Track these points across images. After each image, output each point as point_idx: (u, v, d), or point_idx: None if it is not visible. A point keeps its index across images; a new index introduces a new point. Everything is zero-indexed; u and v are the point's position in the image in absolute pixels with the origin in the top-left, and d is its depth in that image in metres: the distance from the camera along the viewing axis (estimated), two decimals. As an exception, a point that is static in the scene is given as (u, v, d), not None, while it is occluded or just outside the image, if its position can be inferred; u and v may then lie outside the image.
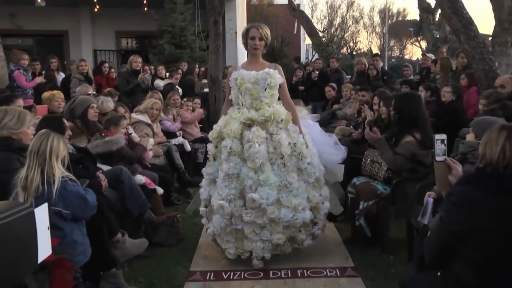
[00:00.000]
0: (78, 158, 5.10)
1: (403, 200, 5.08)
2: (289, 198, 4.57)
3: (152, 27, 15.61)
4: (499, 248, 2.80)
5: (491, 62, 7.98)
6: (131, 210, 5.25)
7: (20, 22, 16.86)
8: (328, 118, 9.75)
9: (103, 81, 10.71)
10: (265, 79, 4.68)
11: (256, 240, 4.60)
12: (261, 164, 4.54)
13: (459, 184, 2.95)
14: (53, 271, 2.78)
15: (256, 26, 4.81)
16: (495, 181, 2.78)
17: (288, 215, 4.52)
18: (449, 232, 2.88)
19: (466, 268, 2.83)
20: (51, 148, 3.75)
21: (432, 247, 3.01)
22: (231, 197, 4.55)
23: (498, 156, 2.76)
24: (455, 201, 2.87)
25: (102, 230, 4.38)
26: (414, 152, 5.15)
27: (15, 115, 4.40)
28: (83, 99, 6.26)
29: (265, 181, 4.48)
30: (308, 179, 4.76)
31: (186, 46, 14.93)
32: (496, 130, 2.82)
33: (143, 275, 4.74)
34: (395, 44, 44.44)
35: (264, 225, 4.57)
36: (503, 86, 6.54)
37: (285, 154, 4.63)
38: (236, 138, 4.62)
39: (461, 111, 7.40)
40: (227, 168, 4.58)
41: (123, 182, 5.27)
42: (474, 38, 8.00)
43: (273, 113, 4.64)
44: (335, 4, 42.45)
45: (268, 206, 4.46)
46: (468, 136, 4.25)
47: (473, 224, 2.79)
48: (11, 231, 1.04)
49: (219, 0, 11.19)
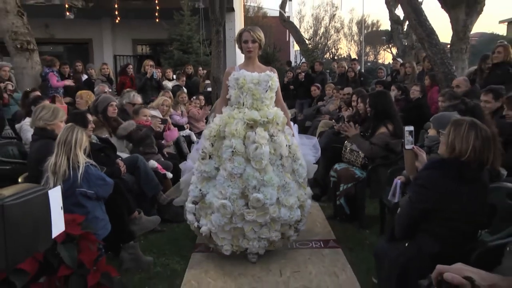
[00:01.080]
0: (101, 148, 5.12)
1: (377, 183, 5.12)
2: (287, 198, 4.20)
3: (163, 36, 15.57)
4: (458, 225, 2.86)
5: (450, 66, 8.09)
6: (146, 191, 5.31)
7: (53, 31, 16.88)
8: (314, 113, 9.80)
9: (127, 80, 10.78)
10: (266, 81, 4.27)
11: (253, 238, 4.19)
12: (265, 165, 4.12)
13: (425, 169, 2.99)
14: (80, 243, 2.78)
15: (248, 29, 4.35)
16: (455, 169, 2.82)
17: (286, 214, 4.17)
18: (416, 209, 2.93)
19: (428, 240, 2.89)
20: (76, 139, 3.83)
21: (402, 222, 3.05)
22: (234, 197, 4.07)
23: (469, 154, 2.79)
24: (421, 183, 2.92)
25: (122, 208, 4.39)
26: (387, 141, 5.20)
27: (50, 109, 4.49)
28: (104, 98, 6.23)
29: (269, 182, 4.07)
30: (299, 179, 4.41)
31: (192, 52, 14.91)
32: (465, 128, 2.82)
33: (156, 246, 4.74)
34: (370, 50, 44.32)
35: (264, 223, 4.17)
36: (459, 86, 6.63)
37: (284, 156, 4.25)
38: (240, 138, 4.12)
39: (426, 107, 7.50)
40: (231, 167, 4.06)
41: (139, 168, 5.31)
42: (435, 46, 8.08)
43: (275, 115, 4.24)
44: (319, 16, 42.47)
45: (270, 206, 4.07)
46: (430, 131, 4.26)
47: (436, 204, 2.85)
48: (27, 209, 1.05)
49: (220, 13, 11.20)
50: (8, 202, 0.97)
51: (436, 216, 2.87)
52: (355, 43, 44.07)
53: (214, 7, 11.10)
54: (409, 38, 20.15)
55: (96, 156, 4.97)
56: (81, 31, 17.22)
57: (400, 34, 21.72)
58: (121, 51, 18.03)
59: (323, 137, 6.96)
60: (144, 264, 4.28)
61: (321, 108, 9.75)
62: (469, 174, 2.84)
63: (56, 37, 17.23)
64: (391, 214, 4.48)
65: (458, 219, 2.85)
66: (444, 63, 8.01)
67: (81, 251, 2.74)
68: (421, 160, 3.21)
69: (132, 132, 5.94)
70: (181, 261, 4.42)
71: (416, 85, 8.07)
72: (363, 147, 5.29)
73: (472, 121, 2.89)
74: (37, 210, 1.13)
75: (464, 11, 13.11)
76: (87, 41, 18.14)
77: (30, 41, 9.59)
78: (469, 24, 13.16)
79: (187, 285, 3.89)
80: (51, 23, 16.50)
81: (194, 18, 14.99)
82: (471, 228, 2.96)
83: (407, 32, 20.86)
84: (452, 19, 13.25)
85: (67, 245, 2.66)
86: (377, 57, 43.69)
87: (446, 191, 2.82)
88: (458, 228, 2.87)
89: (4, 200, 0.98)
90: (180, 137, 7.67)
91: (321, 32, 42.16)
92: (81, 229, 2.94)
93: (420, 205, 2.90)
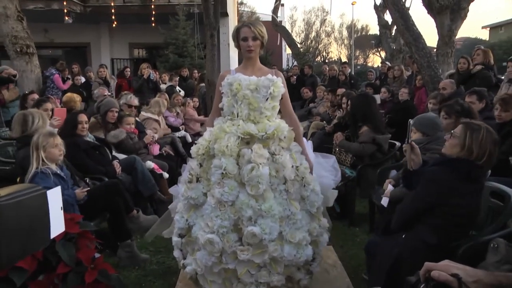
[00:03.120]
0: (96, 146, 5.15)
1: (366, 182, 5.13)
2: (292, 232, 3.15)
3: (159, 40, 15.60)
4: (457, 220, 2.94)
5: (436, 69, 8.22)
6: (142, 191, 5.32)
7: (52, 36, 16.88)
8: (306, 115, 9.84)
9: (124, 82, 10.85)
10: (267, 87, 3.27)
11: (250, 282, 3.19)
12: (264, 190, 3.12)
13: (435, 164, 3.08)
14: (78, 242, 2.77)
15: (248, 24, 3.37)
16: (467, 169, 2.90)
17: (292, 253, 3.12)
18: (422, 202, 3.00)
19: (429, 232, 2.94)
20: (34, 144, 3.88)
21: (405, 213, 3.10)
22: (223, 230, 3.08)
23: (486, 158, 2.88)
24: (430, 178, 2.98)
25: (120, 207, 4.38)
26: (373, 136, 5.27)
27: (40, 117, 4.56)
28: (108, 102, 6.23)
29: (268, 212, 3.07)
30: (310, 208, 3.28)
31: (187, 55, 14.94)
32: (483, 134, 2.90)
33: (152, 245, 4.72)
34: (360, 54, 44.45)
35: (263, 264, 3.17)
36: (445, 88, 6.74)
37: (289, 179, 3.20)
38: (232, 156, 3.16)
39: (413, 108, 7.74)
40: (220, 193, 3.09)
41: (136, 169, 5.38)
42: (422, 49, 8.18)
43: (276, 129, 3.21)
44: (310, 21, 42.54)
45: (270, 242, 3.07)
46: (413, 135, 4.26)
47: (441, 198, 2.91)
48: (23, 209, 1.04)
49: (214, 18, 11.23)
50: (3, 202, 0.97)
51: (439, 210, 2.94)
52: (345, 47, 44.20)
53: (208, 12, 11.14)
54: (397, 42, 20.25)
55: (92, 154, 5.00)
56: (79, 35, 17.22)
57: (388, 38, 21.85)
58: (118, 54, 18.08)
59: (315, 138, 6.99)
60: (141, 262, 4.28)
61: (312, 109, 9.79)
62: (477, 175, 2.94)
63: (55, 41, 17.23)
64: (380, 212, 4.52)
65: (458, 215, 2.93)
66: (431, 66, 8.10)
67: (79, 249, 2.73)
68: (416, 153, 3.25)
69: (124, 140, 5.94)
70: (176, 258, 4.42)
71: (404, 87, 8.33)
72: (353, 148, 5.36)
73: (487, 127, 2.98)
74: (34, 210, 1.12)
75: (449, 17, 13.31)
76: (85, 45, 18.16)
77: (30, 45, 9.66)
78: (454, 29, 13.33)
79: (182, 282, 3.86)
80: (50, 27, 16.49)
81: (189, 23, 15.03)
82: (467, 224, 3.05)
83: (395, 36, 20.99)
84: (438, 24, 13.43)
85: (66, 243, 2.66)
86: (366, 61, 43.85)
87: (452, 188, 2.90)
88: (457, 223, 2.96)
89: None
90: (175, 137, 7.70)
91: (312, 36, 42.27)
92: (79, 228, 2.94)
93: (427, 199, 2.97)
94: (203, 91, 11.15)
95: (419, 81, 8.61)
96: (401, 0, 8.69)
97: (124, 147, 5.88)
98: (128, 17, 15.77)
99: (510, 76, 5.94)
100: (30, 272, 2.44)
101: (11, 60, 9.70)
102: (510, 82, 5.91)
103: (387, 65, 12.78)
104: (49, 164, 3.86)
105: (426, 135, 4.20)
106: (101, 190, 4.44)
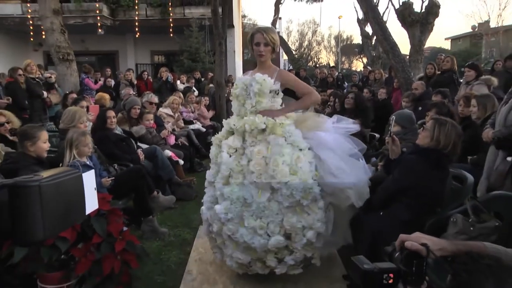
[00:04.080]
0: (123, 138, 5.16)
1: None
2: (251, 219, 2.91)
3: (176, 47, 15.59)
4: (425, 200, 3.00)
5: (409, 73, 8.22)
6: (162, 175, 5.34)
7: (87, 45, 17.01)
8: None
9: (142, 84, 10.84)
10: (251, 85, 3.09)
11: None
12: (229, 176, 2.99)
13: (411, 153, 3.12)
14: (109, 217, 2.80)
15: (262, 30, 3.15)
16: (436, 157, 2.95)
17: (245, 236, 2.91)
18: (397, 184, 3.04)
19: (402, 210, 2.98)
20: None
21: (383, 193, 3.12)
22: (208, 205, 3.19)
23: (450, 148, 2.94)
24: (405, 165, 3.03)
25: (143, 189, 4.40)
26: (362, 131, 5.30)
27: (69, 113, 4.55)
28: (132, 100, 6.28)
29: (230, 195, 2.94)
30: (281, 200, 2.90)
31: (199, 61, 14.93)
32: (449, 127, 2.96)
33: (170, 220, 4.76)
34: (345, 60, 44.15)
35: (223, 241, 3.10)
36: (416, 89, 6.76)
37: (255, 169, 2.92)
38: (218, 145, 3.19)
39: (390, 105, 7.89)
40: (208, 174, 3.27)
41: (157, 157, 5.39)
42: (397, 56, 8.16)
43: (251, 123, 2.99)
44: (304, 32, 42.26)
45: (227, 221, 2.95)
46: (393, 128, 4.27)
47: (413, 182, 2.96)
48: (61, 189, 1.06)
49: (222, 29, 11.25)
50: (45, 183, 0.98)
51: (412, 191, 2.98)
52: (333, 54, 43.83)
53: (217, 24, 11.17)
54: (376, 50, 20.25)
55: (119, 144, 5.02)
56: (109, 44, 17.25)
57: (369, 46, 21.82)
58: (141, 60, 18.08)
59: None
60: (161, 234, 4.31)
61: (305, 107, 9.79)
62: (444, 163, 2.99)
63: (90, 49, 17.32)
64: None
65: (427, 195, 2.98)
66: (405, 70, 8.10)
67: (110, 224, 2.75)
68: (397, 144, 3.27)
69: (144, 135, 5.95)
70: (190, 232, 4.44)
71: (383, 88, 8.46)
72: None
73: (453, 122, 3.04)
74: (71, 190, 1.14)
75: (419, 29, 13.35)
76: (114, 52, 18.16)
77: (70, 53, 9.88)
78: (423, 40, 13.43)
79: (195, 252, 3.89)
80: (86, 38, 16.56)
81: (201, 33, 15.01)
82: (434, 203, 3.08)
83: (374, 45, 20.96)
84: (410, 36, 13.50)
85: (99, 218, 2.68)
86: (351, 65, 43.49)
87: (424, 173, 2.94)
88: (426, 202, 3.00)
89: (41, 181, 0.99)
90: (190, 130, 7.74)
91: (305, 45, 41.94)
92: (109, 206, 2.96)
93: (402, 182, 3.01)
94: (212, 91, 11.17)
95: (396, 83, 8.60)
96: (380, 15, 8.66)
97: (145, 140, 5.90)
98: (150, 28, 15.80)
99: (467, 79, 6.02)
100: (71, 241, 2.48)
101: (55, 66, 9.90)
102: (467, 84, 5.96)
103: (368, 69, 12.81)
104: (79, 159, 3.83)
105: (403, 128, 4.22)
106: (128, 175, 4.47)
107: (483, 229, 2.60)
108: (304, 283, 3.27)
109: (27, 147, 3.37)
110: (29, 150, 3.38)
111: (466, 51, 23.13)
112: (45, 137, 3.46)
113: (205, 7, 15.37)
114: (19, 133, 3.56)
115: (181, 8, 15.75)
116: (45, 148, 3.47)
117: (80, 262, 2.53)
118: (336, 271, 3.47)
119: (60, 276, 2.54)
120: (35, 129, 3.47)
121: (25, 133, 3.42)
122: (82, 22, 14.95)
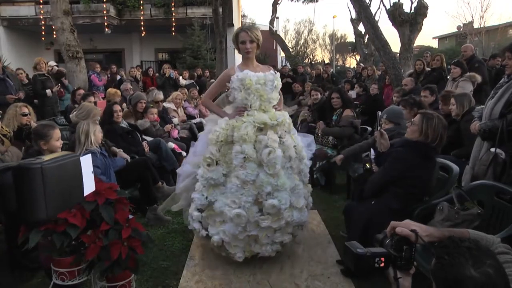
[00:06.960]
0: (129, 131, 5.15)
1: (344, 159, 5.10)
2: (298, 200, 3.19)
3: (179, 45, 15.57)
4: (414, 190, 3.03)
5: (399, 70, 8.21)
6: (166, 166, 5.34)
7: (95, 43, 17.00)
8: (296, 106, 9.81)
9: (148, 79, 10.82)
10: (272, 81, 3.23)
11: (266, 243, 3.18)
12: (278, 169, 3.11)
13: (400, 146, 3.11)
14: (116, 205, 2.79)
15: (246, 29, 3.26)
16: (424, 150, 2.98)
17: (298, 216, 3.20)
18: (388, 175, 3.07)
19: (393, 199, 3.00)
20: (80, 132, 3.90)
21: (375, 183, 3.14)
22: (248, 205, 3.06)
23: (438, 141, 2.98)
24: (396, 156, 3.05)
25: (148, 179, 4.40)
26: (351, 121, 5.29)
27: (85, 110, 4.56)
28: (137, 95, 6.25)
29: (282, 186, 3.05)
30: (304, 178, 3.39)
31: (201, 58, 14.91)
32: (436, 121, 2.98)
33: (174, 208, 4.76)
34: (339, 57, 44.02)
35: (279, 228, 3.15)
36: (406, 85, 6.79)
37: (292, 157, 3.20)
38: (251, 143, 3.09)
39: (381, 100, 7.81)
40: (244, 174, 3.04)
41: (161, 149, 5.38)
42: (388, 54, 8.15)
43: (284, 117, 3.26)
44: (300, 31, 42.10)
45: (285, 210, 3.08)
46: (385, 126, 4.25)
47: (403, 172, 2.99)
48: (62, 171, 1.06)
49: (222, 28, 11.23)
50: (46, 165, 0.99)
51: (401, 181, 2.99)
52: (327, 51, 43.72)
53: (218, 23, 11.16)
54: (369, 48, 20.17)
55: (125, 137, 5.01)
56: (116, 43, 17.25)
57: (362, 45, 21.74)
58: (146, 57, 18.07)
59: (303, 126, 6.97)
60: (165, 222, 4.33)
61: (301, 101, 9.75)
62: (432, 154, 3.02)
63: (98, 48, 17.33)
64: (355, 183, 4.55)
65: (415, 185, 3.00)
66: (395, 67, 8.09)
67: (117, 212, 2.75)
68: (385, 138, 3.28)
69: (148, 128, 5.92)
70: (193, 219, 4.44)
71: (375, 83, 8.42)
72: (335, 132, 5.36)
73: (439, 116, 3.05)
74: (70, 172, 1.14)
75: (409, 29, 13.34)
76: (121, 50, 18.16)
77: (79, 51, 9.85)
78: (412, 39, 13.40)
79: (198, 238, 3.85)
80: (94, 37, 16.58)
81: (202, 32, 14.99)
82: (422, 192, 3.12)
83: (367, 43, 20.88)
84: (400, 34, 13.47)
85: (107, 207, 2.68)
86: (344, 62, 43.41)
87: (412, 165, 2.96)
88: (414, 192, 3.03)
89: (43, 163, 0.99)
90: (192, 124, 7.72)
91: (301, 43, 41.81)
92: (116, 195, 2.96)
93: (393, 172, 3.03)
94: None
95: (387, 79, 8.60)
96: (372, 15, 8.62)
97: (149, 133, 5.89)
98: (154, 27, 15.79)
99: (453, 76, 6.02)
100: (81, 228, 2.49)
101: (65, 63, 9.87)
102: (453, 81, 5.96)
103: (361, 66, 12.81)
104: (94, 146, 3.87)
105: (394, 123, 4.21)
106: (134, 165, 4.46)
107: (467, 215, 2.62)
108: (300, 268, 3.30)
109: (41, 146, 3.40)
110: (43, 149, 3.40)
111: (452, 50, 23.18)
112: (57, 135, 3.47)
113: (206, 7, 15.36)
114: (33, 132, 3.56)
115: (184, 8, 15.76)
116: (58, 146, 3.47)
117: (89, 248, 2.54)
118: (330, 256, 3.50)
119: (71, 260, 2.57)
120: (47, 128, 3.47)
121: (38, 132, 3.43)
122: (90, 22, 14.96)
